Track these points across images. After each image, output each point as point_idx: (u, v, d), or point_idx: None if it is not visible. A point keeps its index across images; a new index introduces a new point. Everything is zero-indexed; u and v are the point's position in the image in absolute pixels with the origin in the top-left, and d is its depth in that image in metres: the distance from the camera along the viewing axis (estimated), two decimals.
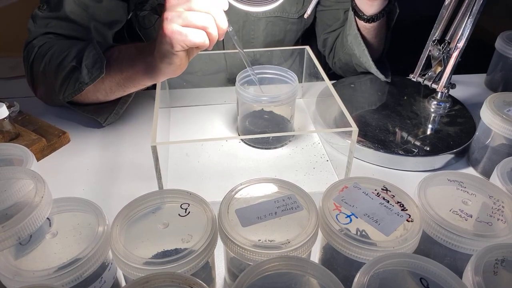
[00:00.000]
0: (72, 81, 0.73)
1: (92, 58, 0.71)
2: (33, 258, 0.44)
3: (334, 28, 0.97)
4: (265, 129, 0.77)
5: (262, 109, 0.76)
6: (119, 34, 0.91)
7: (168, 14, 0.59)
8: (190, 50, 0.63)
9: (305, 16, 0.79)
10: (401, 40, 0.94)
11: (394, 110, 0.82)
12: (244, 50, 0.70)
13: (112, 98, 0.78)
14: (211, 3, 0.59)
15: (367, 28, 0.86)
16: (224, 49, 0.94)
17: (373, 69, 0.88)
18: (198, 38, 0.59)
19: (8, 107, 0.74)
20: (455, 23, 0.74)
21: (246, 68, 0.75)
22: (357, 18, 0.85)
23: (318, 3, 0.81)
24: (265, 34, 0.96)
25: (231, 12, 0.64)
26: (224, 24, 0.61)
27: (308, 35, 1.04)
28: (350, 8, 0.86)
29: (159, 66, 0.64)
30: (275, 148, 0.76)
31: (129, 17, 0.88)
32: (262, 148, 0.76)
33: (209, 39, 0.60)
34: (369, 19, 0.83)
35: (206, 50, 0.63)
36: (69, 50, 0.75)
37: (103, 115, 0.80)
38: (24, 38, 0.83)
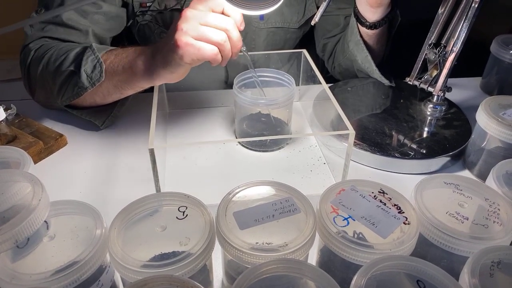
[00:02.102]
0: (70, 86, 0.73)
1: (91, 63, 0.71)
2: (30, 261, 0.43)
3: (334, 33, 0.98)
4: (262, 131, 0.78)
5: (260, 112, 0.76)
6: (119, 40, 0.91)
7: (183, 25, 0.58)
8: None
9: (312, 23, 0.79)
10: (398, 43, 0.95)
11: (390, 113, 0.83)
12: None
13: (110, 101, 0.78)
14: (228, 21, 0.59)
15: (369, 34, 0.86)
16: None
17: (376, 74, 0.89)
18: (211, 53, 0.59)
19: (5, 110, 0.74)
20: (451, 27, 0.75)
21: (243, 71, 0.75)
22: (359, 25, 0.86)
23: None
24: (266, 43, 0.96)
25: None
26: (238, 42, 0.61)
27: (306, 40, 1.04)
28: (352, 15, 0.87)
29: (159, 72, 0.64)
30: (272, 150, 0.77)
31: (128, 24, 0.88)
32: (259, 151, 0.76)
33: (222, 56, 0.60)
34: (372, 26, 0.84)
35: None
36: (67, 54, 0.74)
37: (101, 118, 0.80)
38: (21, 41, 0.83)
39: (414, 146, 0.74)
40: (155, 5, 0.86)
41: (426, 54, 0.78)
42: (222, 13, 0.61)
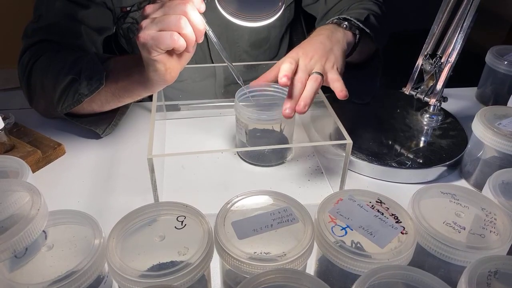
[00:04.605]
0: (71, 93, 0.73)
1: (91, 69, 0.71)
2: (28, 271, 0.43)
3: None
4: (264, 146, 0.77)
5: (263, 128, 0.75)
6: (108, 46, 0.92)
7: (143, 22, 0.59)
8: (176, 55, 0.62)
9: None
10: (394, 54, 0.96)
11: (387, 123, 0.83)
12: (237, 64, 0.71)
13: (107, 109, 0.78)
14: (185, 6, 0.59)
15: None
16: (212, 62, 0.95)
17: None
18: (171, 40, 0.58)
19: (3, 119, 0.74)
20: (446, 38, 0.76)
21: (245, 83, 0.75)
22: None
23: None
24: (249, 33, 0.95)
25: (213, 14, 0.64)
26: (199, 24, 0.60)
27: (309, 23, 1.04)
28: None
29: (148, 75, 0.65)
30: (271, 166, 0.76)
31: (114, 30, 0.90)
32: (260, 166, 0.75)
33: (186, 41, 0.60)
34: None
35: (200, 64, 0.62)
36: (67, 62, 0.75)
37: (101, 126, 0.80)
38: (19, 50, 0.83)
39: (411, 155, 0.75)
40: (134, 8, 0.87)
41: (422, 64, 0.79)
42: None
